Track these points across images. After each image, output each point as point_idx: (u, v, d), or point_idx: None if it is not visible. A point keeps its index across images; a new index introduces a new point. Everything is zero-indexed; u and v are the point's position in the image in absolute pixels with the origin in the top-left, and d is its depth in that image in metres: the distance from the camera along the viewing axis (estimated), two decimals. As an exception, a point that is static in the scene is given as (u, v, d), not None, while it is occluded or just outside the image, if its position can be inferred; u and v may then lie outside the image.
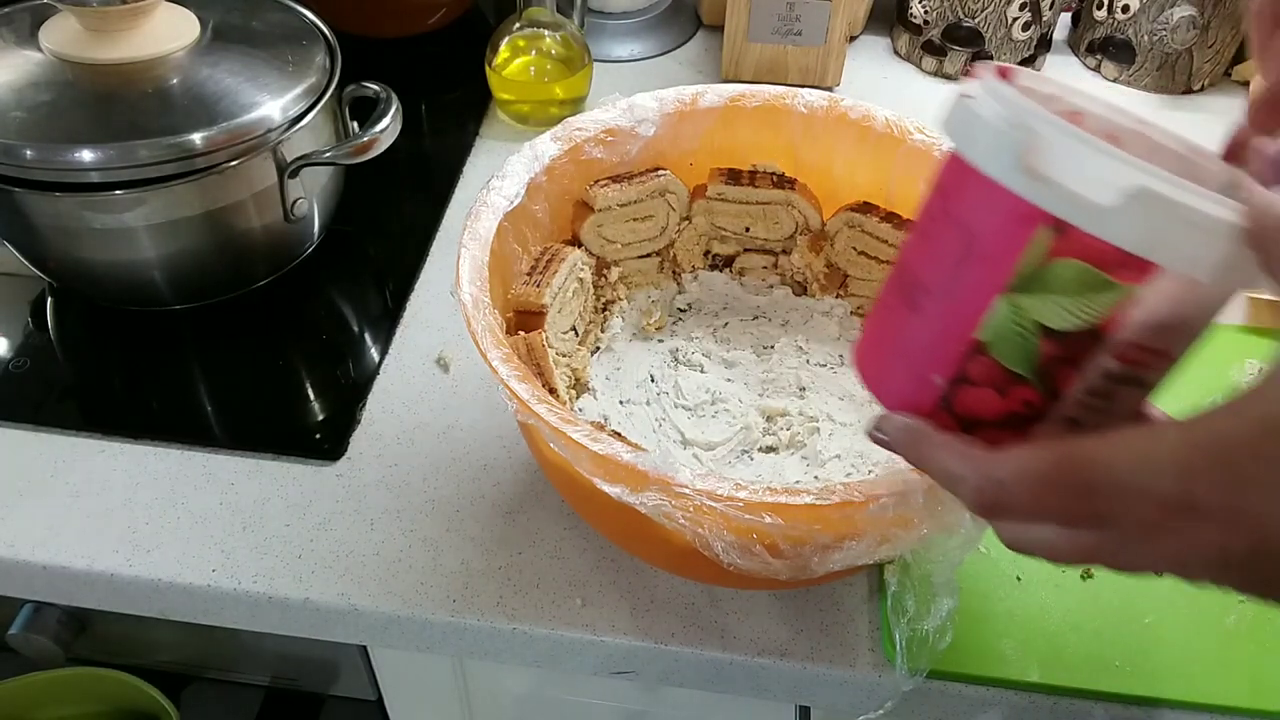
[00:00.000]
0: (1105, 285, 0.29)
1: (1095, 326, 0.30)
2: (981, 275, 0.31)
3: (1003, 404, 0.32)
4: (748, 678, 0.55)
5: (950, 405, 0.34)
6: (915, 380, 0.34)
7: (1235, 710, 0.52)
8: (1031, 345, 0.31)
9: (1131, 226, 0.28)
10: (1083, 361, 0.31)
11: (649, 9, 0.99)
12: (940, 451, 0.33)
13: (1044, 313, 0.30)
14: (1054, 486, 0.30)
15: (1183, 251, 0.28)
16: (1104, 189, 0.28)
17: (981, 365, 0.32)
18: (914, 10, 0.94)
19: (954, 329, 0.33)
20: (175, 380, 0.68)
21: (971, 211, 0.32)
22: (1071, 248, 0.29)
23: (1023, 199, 0.29)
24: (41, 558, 0.57)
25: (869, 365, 0.37)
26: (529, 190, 0.58)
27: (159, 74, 0.64)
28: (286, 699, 0.75)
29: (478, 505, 0.60)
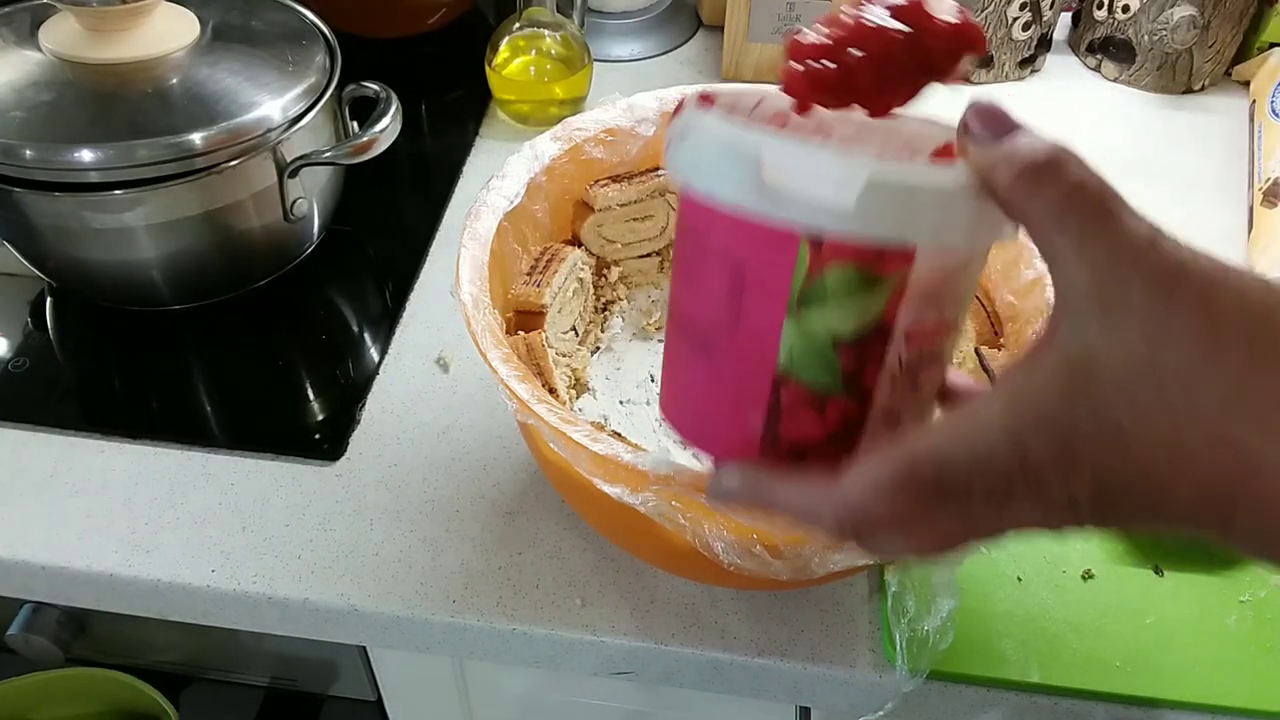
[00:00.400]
0: (876, 281, 0.30)
1: (880, 319, 0.30)
2: (760, 305, 0.31)
3: (823, 424, 0.32)
4: (748, 678, 0.55)
5: (775, 440, 0.33)
6: (732, 425, 0.34)
7: (1235, 710, 0.51)
8: (830, 358, 0.31)
9: (876, 218, 0.29)
10: (880, 358, 0.31)
11: (649, 9, 0.99)
12: (786, 493, 0.33)
13: (830, 323, 0.30)
14: (904, 492, 0.30)
15: (930, 225, 0.29)
16: (839, 189, 0.28)
17: (791, 392, 0.32)
18: (914, 10, 0.94)
19: (752, 364, 0.32)
20: (175, 380, 0.68)
21: (728, 244, 0.31)
22: (833, 253, 0.29)
23: (772, 221, 0.30)
24: (41, 558, 0.57)
25: (681, 419, 0.36)
26: (529, 190, 0.58)
27: (159, 74, 0.64)
28: (286, 699, 0.75)
29: (477, 505, 0.60)
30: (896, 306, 0.30)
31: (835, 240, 0.29)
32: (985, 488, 0.29)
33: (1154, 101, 0.92)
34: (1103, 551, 0.57)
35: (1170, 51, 0.90)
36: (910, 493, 0.30)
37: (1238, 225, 0.80)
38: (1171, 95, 0.93)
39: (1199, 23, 0.88)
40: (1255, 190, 0.80)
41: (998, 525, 0.30)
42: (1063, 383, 0.27)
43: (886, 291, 0.30)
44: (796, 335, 0.31)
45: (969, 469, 0.29)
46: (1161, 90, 0.93)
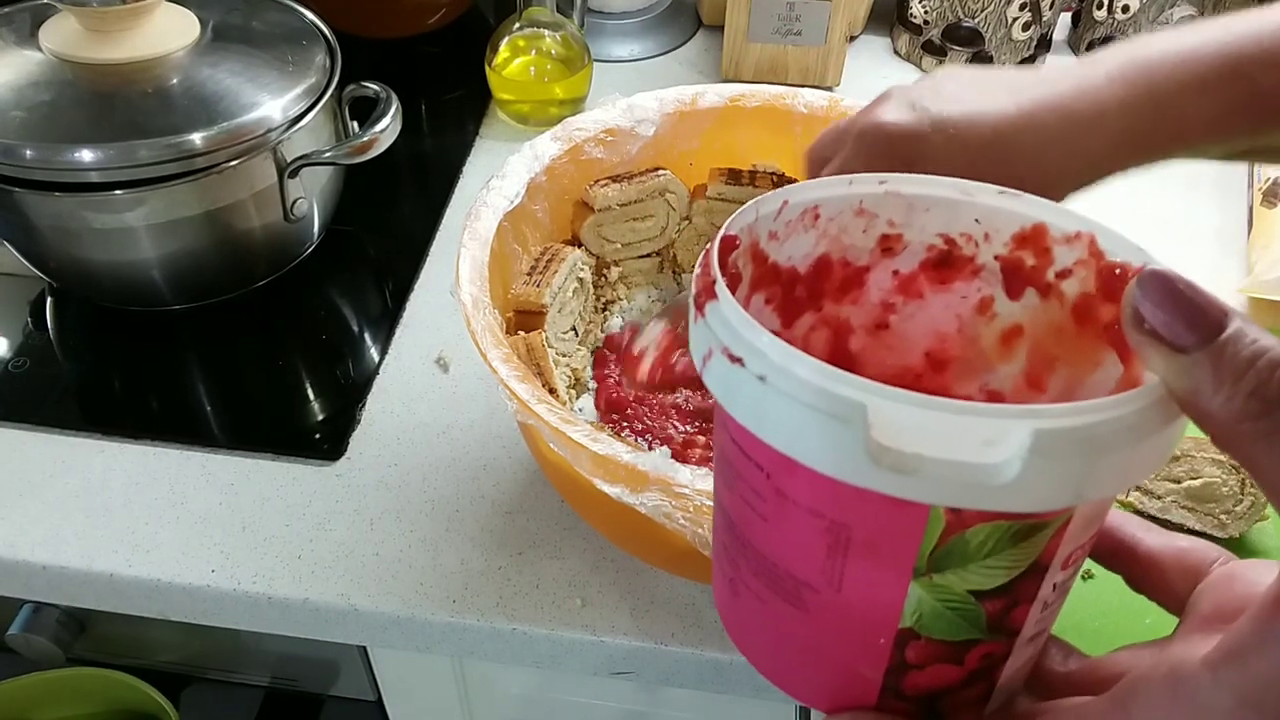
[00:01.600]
0: (1033, 530, 0.24)
1: (1036, 563, 0.25)
2: (875, 569, 0.25)
3: (961, 670, 0.27)
4: (748, 678, 0.55)
5: (899, 691, 0.28)
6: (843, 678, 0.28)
7: (1235, 710, 0.51)
8: (973, 613, 0.25)
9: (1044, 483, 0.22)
10: (1033, 596, 0.26)
11: (649, 9, 0.99)
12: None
13: (972, 581, 0.25)
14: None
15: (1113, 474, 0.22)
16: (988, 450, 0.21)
17: (921, 649, 0.26)
18: (914, 10, 0.94)
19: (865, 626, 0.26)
20: (175, 380, 0.68)
21: (821, 505, 0.24)
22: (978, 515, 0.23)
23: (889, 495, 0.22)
24: (41, 558, 0.57)
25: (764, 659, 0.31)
26: (529, 190, 0.58)
27: (159, 74, 0.64)
28: (286, 699, 0.75)
29: (477, 505, 0.60)
30: (1056, 545, 0.25)
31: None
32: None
33: (1154, 101, 0.92)
34: (1102, 551, 0.57)
35: (1170, 51, 0.90)
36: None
37: (1238, 225, 0.80)
38: (1171, 95, 0.93)
39: (1199, 23, 0.88)
40: (1255, 190, 0.80)
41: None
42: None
43: (1045, 538, 0.24)
44: (927, 597, 0.25)
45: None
46: (1161, 90, 0.93)
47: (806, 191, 0.31)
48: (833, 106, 0.62)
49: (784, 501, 0.25)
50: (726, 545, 0.29)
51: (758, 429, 0.24)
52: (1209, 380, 0.21)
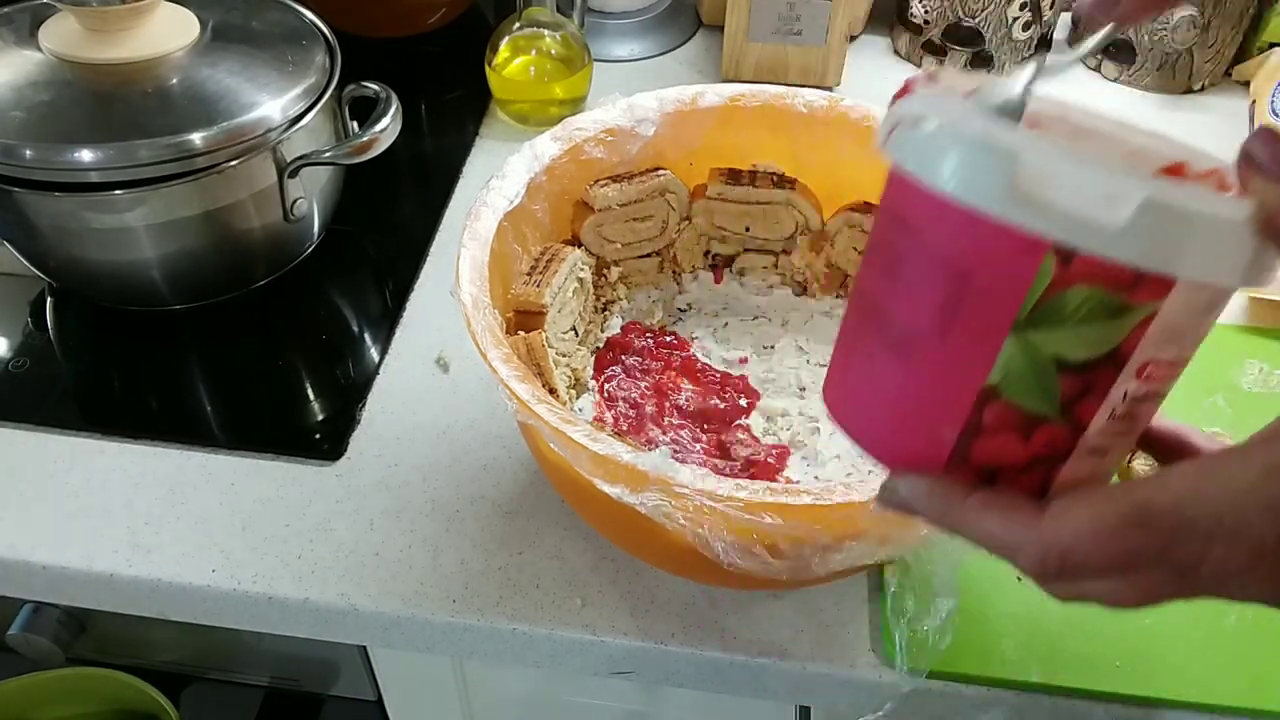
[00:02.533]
0: (1123, 308, 0.27)
1: (1117, 349, 0.28)
2: (983, 316, 0.28)
3: (1026, 449, 0.30)
4: (748, 678, 0.55)
5: (966, 457, 0.31)
6: (921, 435, 0.31)
7: (1235, 710, 0.52)
8: (1051, 382, 0.28)
9: (1144, 243, 0.26)
10: (1106, 388, 0.29)
11: (649, 9, 0.99)
12: (981, 517, 0.30)
13: (1061, 346, 0.28)
14: (1126, 546, 0.28)
15: (1200, 259, 0.26)
16: (1109, 204, 0.26)
17: (998, 411, 0.29)
18: (914, 10, 0.94)
19: (960, 377, 0.29)
20: (175, 380, 0.68)
21: (954, 248, 0.28)
22: (1081, 273, 0.27)
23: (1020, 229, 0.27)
24: (41, 558, 0.57)
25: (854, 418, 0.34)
26: (529, 190, 0.58)
27: (159, 74, 0.64)
28: (286, 699, 0.75)
29: (478, 505, 0.60)
30: (1138, 338, 0.28)
31: (1089, 259, 0.26)
32: (1222, 557, 0.27)
33: (1154, 101, 0.92)
34: (1102, 551, 0.57)
35: (1170, 51, 0.90)
36: (1133, 542, 0.28)
37: None
38: (1171, 95, 0.93)
39: (1199, 23, 0.88)
40: (1255, 190, 0.80)
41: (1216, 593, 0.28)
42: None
43: (1132, 321, 0.27)
44: (1018, 353, 0.28)
45: (1209, 535, 0.27)
46: (1162, 90, 0.93)
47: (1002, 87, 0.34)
48: (833, 106, 0.62)
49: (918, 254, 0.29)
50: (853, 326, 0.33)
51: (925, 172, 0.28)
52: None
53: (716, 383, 0.63)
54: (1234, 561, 0.27)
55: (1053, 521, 0.29)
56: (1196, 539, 0.27)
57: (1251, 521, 0.26)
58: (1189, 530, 0.27)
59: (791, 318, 0.67)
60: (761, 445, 0.60)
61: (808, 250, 0.65)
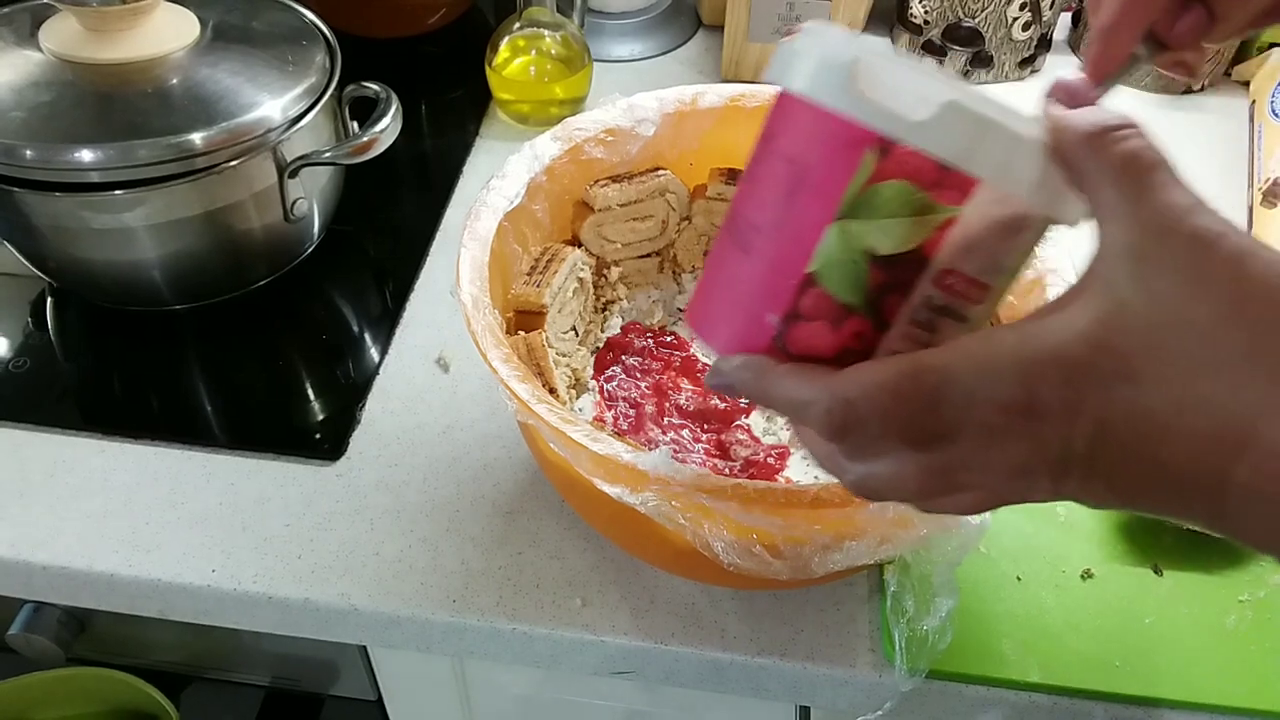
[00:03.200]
0: (928, 205, 0.30)
1: (920, 249, 0.31)
2: (812, 205, 0.32)
3: (835, 337, 0.33)
4: (748, 678, 0.55)
5: (784, 344, 0.34)
6: (749, 321, 0.34)
7: (1235, 710, 0.52)
8: (861, 272, 0.32)
9: (947, 137, 0.30)
10: (909, 288, 0.32)
11: (649, 9, 0.99)
12: (784, 380, 0.33)
13: (871, 237, 0.31)
14: (901, 398, 0.30)
15: (995, 162, 0.30)
16: (920, 104, 0.30)
17: (814, 298, 0.32)
18: (914, 10, 0.94)
19: (786, 263, 0.33)
20: (175, 380, 0.68)
21: (799, 144, 0.32)
22: (896, 168, 0.30)
23: (849, 121, 0.31)
24: (41, 558, 0.57)
25: (701, 317, 0.37)
26: (529, 190, 0.58)
27: (159, 74, 0.64)
28: (286, 699, 0.75)
29: (478, 505, 0.60)
30: (940, 240, 0.31)
31: (902, 152, 0.30)
32: (981, 419, 0.29)
33: (1154, 101, 0.92)
34: (1102, 551, 0.57)
35: (1170, 51, 0.90)
36: (905, 399, 0.30)
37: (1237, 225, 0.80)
38: (1171, 95, 0.93)
39: (1199, 23, 0.88)
40: (1255, 190, 0.80)
41: (979, 466, 0.30)
42: (1088, 327, 0.28)
43: (935, 221, 0.31)
44: (836, 242, 0.31)
45: (970, 392, 0.29)
46: (1161, 90, 0.93)
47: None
48: (833, 106, 0.62)
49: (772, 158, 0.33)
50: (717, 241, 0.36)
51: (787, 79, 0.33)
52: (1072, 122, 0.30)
53: None
54: (990, 418, 0.29)
55: (844, 379, 0.31)
56: (959, 393, 0.29)
57: (1005, 377, 0.29)
58: (954, 384, 0.29)
59: (791, 318, 0.67)
60: (761, 445, 0.60)
61: (808, 250, 0.65)
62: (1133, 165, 0.29)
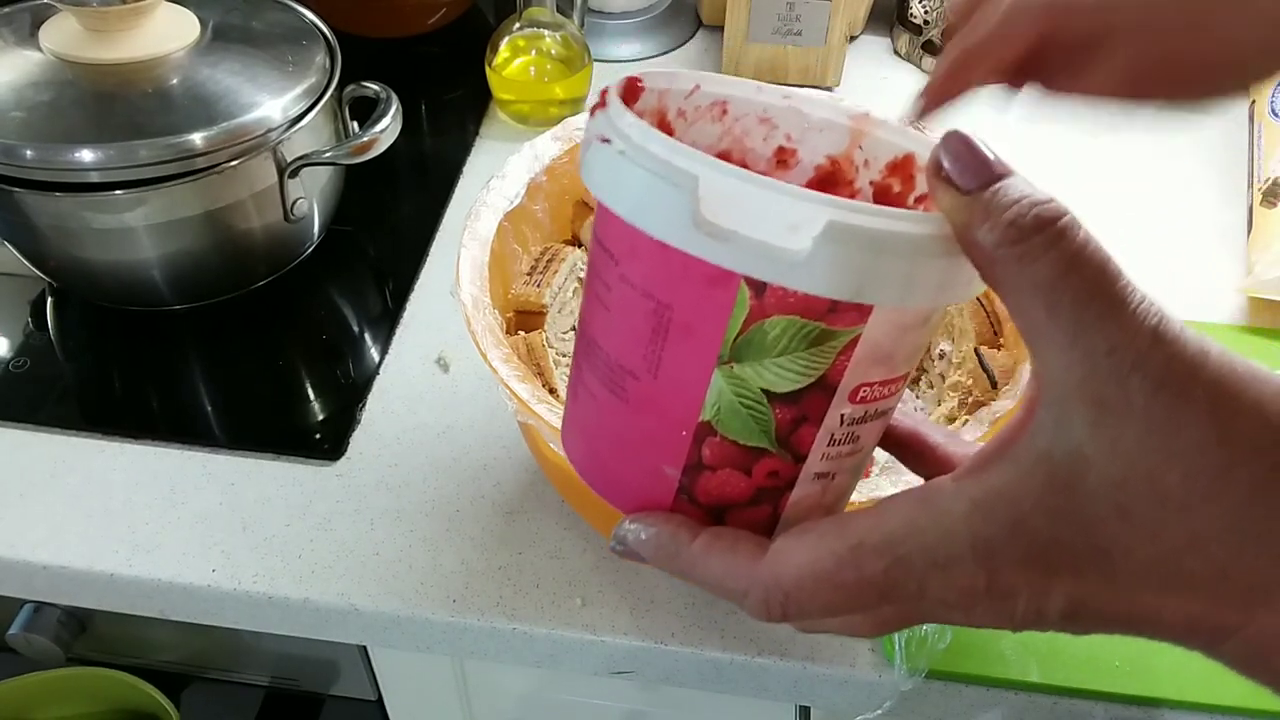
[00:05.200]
0: (825, 335, 0.26)
1: (824, 377, 0.27)
2: (687, 352, 0.27)
3: (749, 483, 0.29)
4: (748, 678, 0.55)
5: (692, 495, 0.30)
6: (644, 475, 0.30)
7: (1235, 710, 0.52)
8: (763, 415, 0.27)
9: (831, 271, 0.25)
10: (820, 417, 0.28)
11: (649, 9, 0.99)
12: (706, 563, 0.29)
13: (767, 377, 0.27)
14: (843, 590, 0.27)
15: (894, 283, 0.25)
16: (791, 233, 0.24)
17: (715, 447, 0.28)
18: (914, 10, 0.94)
19: (672, 415, 0.28)
20: (175, 380, 0.68)
21: (654, 281, 0.27)
22: (776, 304, 0.26)
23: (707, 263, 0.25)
24: (41, 558, 0.57)
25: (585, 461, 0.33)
26: (529, 190, 0.58)
27: (159, 74, 0.64)
28: (286, 699, 0.75)
29: (478, 505, 0.60)
30: (845, 364, 0.27)
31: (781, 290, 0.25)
32: (939, 598, 0.26)
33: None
34: (1102, 551, 0.57)
35: (1170, 51, 0.90)
36: (848, 591, 0.27)
37: (1237, 225, 0.80)
38: (1171, 95, 0.93)
39: (1199, 23, 0.88)
40: (1255, 190, 0.80)
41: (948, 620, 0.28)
42: (1044, 490, 0.24)
43: (836, 347, 0.26)
44: (726, 388, 0.27)
45: (923, 574, 0.26)
46: (1161, 90, 0.93)
47: (719, 85, 0.33)
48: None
49: (624, 286, 0.28)
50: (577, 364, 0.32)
51: (611, 200, 0.27)
52: (980, 214, 0.24)
53: None
54: (951, 598, 0.26)
55: (771, 565, 0.28)
56: (913, 575, 0.26)
57: (963, 559, 0.25)
58: (904, 566, 0.26)
59: (791, 318, 0.67)
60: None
61: (807, 250, 0.65)
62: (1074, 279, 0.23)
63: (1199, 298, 0.72)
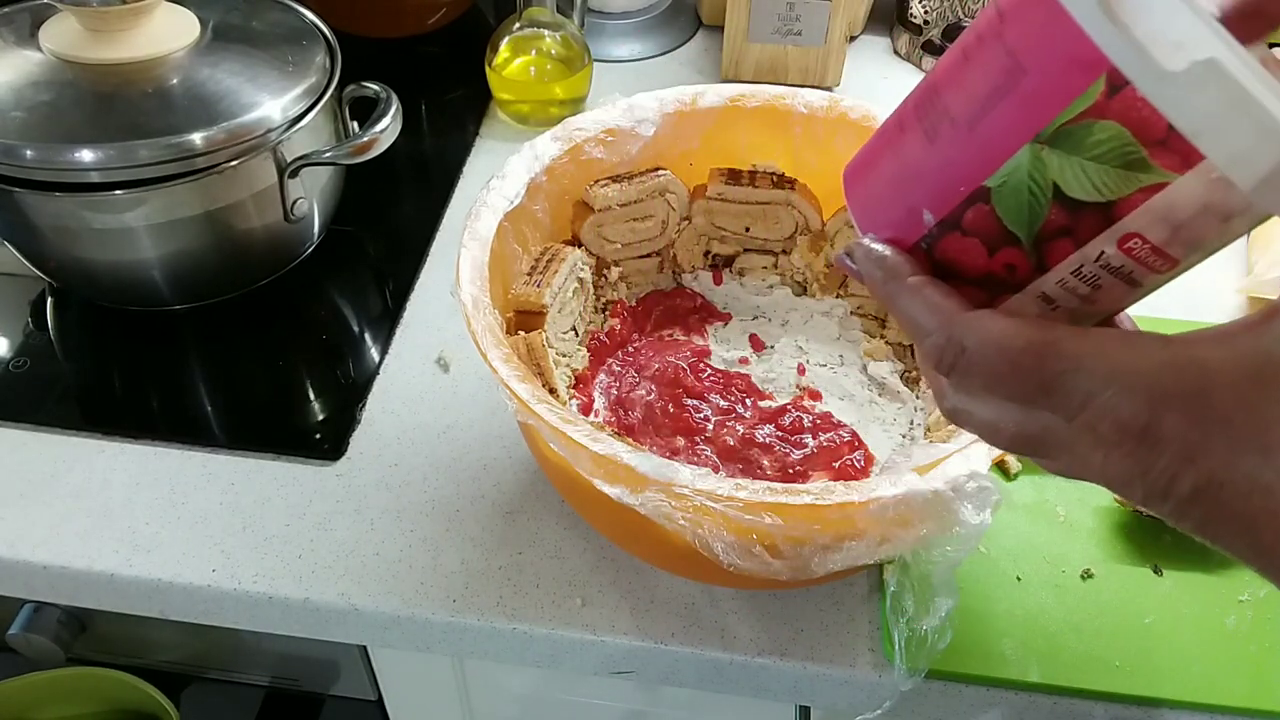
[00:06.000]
0: (1140, 164, 0.27)
1: (1113, 205, 0.28)
2: (1017, 116, 0.28)
3: (986, 262, 0.30)
4: (748, 678, 0.55)
5: (931, 248, 0.31)
6: (904, 210, 0.32)
7: (1235, 710, 0.52)
8: (1040, 206, 0.29)
9: (1193, 100, 0.25)
10: (1085, 239, 0.29)
11: (649, 9, 0.99)
12: (910, 296, 0.31)
13: (1066, 174, 0.28)
14: (1017, 370, 0.28)
15: (1232, 146, 0.25)
16: (1176, 53, 0.25)
17: (979, 214, 0.30)
18: (914, 10, 0.94)
19: (966, 167, 0.30)
20: (175, 380, 0.68)
21: (1029, 43, 0.28)
22: (1120, 111, 0.27)
23: (1089, 41, 0.26)
24: (41, 558, 0.57)
25: (858, 183, 0.34)
26: (529, 190, 0.58)
27: (159, 74, 0.64)
28: (286, 699, 0.75)
29: (478, 505, 0.60)
30: (1138, 203, 0.27)
31: (1134, 96, 0.26)
32: (1092, 422, 0.27)
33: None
34: (1102, 551, 0.57)
35: (1170, 51, 0.90)
36: (1021, 372, 0.28)
37: (1237, 225, 0.80)
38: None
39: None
40: (1255, 190, 0.80)
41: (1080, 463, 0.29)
42: (1243, 378, 0.26)
43: (1142, 182, 0.27)
44: (1025, 165, 0.28)
45: (1091, 393, 0.27)
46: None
47: None
48: (832, 106, 0.62)
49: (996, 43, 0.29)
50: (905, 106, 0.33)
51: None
52: None
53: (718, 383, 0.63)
54: (1104, 426, 0.27)
55: (967, 322, 0.29)
56: (1080, 391, 0.27)
57: (1134, 396, 0.27)
58: (1079, 379, 0.27)
59: (791, 318, 0.67)
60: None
61: (807, 250, 0.65)
62: None
63: (1199, 298, 0.72)
